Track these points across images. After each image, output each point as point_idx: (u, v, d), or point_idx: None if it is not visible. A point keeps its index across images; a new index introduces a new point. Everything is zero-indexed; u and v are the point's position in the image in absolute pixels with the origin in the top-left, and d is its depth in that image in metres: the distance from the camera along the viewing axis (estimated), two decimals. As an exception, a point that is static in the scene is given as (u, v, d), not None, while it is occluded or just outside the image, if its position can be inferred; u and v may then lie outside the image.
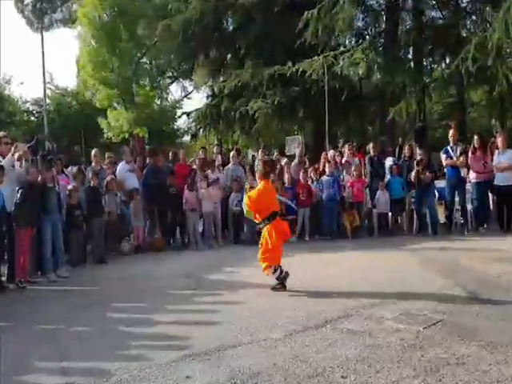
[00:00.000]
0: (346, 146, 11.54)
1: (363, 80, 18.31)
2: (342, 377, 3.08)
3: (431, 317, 4.24)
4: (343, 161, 10.73)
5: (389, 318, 4.28)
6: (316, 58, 14.65)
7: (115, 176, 8.99)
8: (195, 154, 11.87)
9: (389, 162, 10.56)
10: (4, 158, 6.80)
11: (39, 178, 6.87)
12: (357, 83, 18.54)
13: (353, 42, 17.60)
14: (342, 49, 15.63)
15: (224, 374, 3.18)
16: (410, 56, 16.74)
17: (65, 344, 3.95)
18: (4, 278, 6.34)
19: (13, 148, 7.00)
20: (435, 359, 3.27)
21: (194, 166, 10.19)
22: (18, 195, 6.47)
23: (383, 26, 16.60)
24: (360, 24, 17.71)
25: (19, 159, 6.88)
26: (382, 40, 16.54)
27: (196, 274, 6.69)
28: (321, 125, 18.07)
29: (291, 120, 18.99)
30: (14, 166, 6.83)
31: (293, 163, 10.92)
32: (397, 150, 11.52)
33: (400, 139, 14.00)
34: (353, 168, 10.14)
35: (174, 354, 3.58)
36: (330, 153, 11.12)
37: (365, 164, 10.55)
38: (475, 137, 9.80)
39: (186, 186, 9.29)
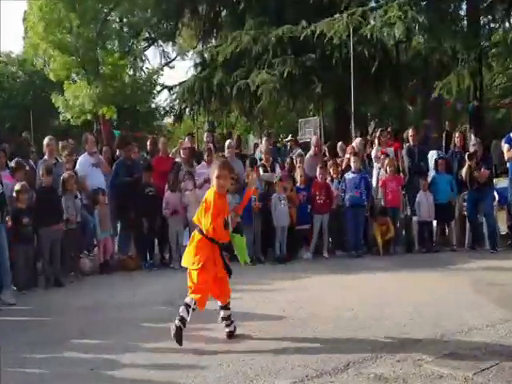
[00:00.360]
0: (379, 131, 11.65)
1: (400, 45, 18.41)
2: None
3: (484, 359, 4.32)
4: (374, 152, 10.83)
5: (429, 360, 4.36)
6: (338, 16, 14.73)
7: (75, 172, 9.09)
8: (179, 143, 11.95)
9: (433, 154, 10.64)
10: None
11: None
12: (392, 49, 18.67)
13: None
14: (372, 5, 15.68)
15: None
16: (462, 13, 16.74)
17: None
18: None
19: None
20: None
21: (178, 159, 10.28)
22: None
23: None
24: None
25: None
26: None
27: (177, 300, 6.76)
28: (344, 104, 18.22)
29: (306, 97, 19.04)
30: None
31: (307, 155, 11.03)
32: (444, 137, 11.58)
33: (447, 123, 14.09)
34: (386, 162, 10.22)
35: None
36: (357, 141, 11.16)
37: (402, 157, 10.64)
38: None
39: (166, 186, 9.37)
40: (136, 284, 8.03)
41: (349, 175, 9.87)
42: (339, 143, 11.51)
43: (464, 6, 16.89)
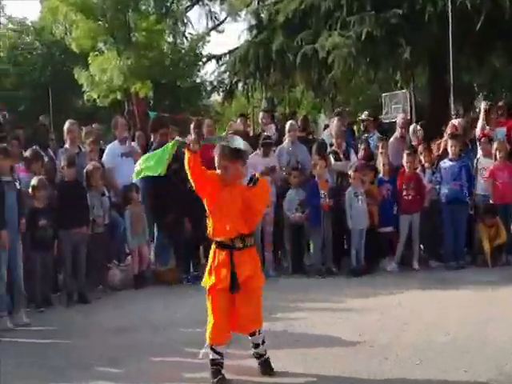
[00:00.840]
0: (484, 105, 11.41)
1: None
2: None
3: None
4: (478, 132, 10.67)
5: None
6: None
7: (102, 164, 9.35)
8: (228, 125, 12.10)
9: None
10: None
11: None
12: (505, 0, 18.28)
13: None
14: None
15: None
16: None
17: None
18: None
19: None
20: None
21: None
22: None
23: None
24: None
25: None
26: None
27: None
28: (441, 72, 17.95)
29: (390, 65, 18.88)
30: None
31: (392, 138, 10.99)
32: None
33: None
34: (495, 146, 10.06)
35: None
36: (456, 121, 10.99)
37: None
38: None
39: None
40: (176, 300, 8.19)
41: (445, 163, 9.76)
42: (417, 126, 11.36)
43: None
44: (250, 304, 5.18)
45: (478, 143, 10.57)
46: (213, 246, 5.25)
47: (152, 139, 10.75)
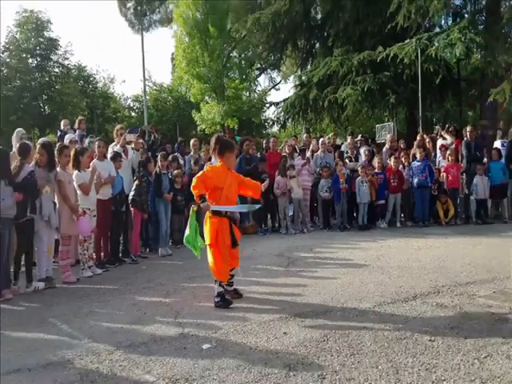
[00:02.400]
0: (442, 128, 11.37)
1: (461, 61, 17.53)
2: (430, 340, 3.29)
3: (527, 295, 4.25)
4: (439, 145, 10.56)
5: (482, 295, 4.35)
6: (408, 41, 14.31)
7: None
8: (283, 141, 12.16)
9: (498, 143, 10.34)
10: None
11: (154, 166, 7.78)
12: (453, 65, 17.81)
13: (450, 22, 16.86)
14: (436, 30, 15.07)
15: (317, 333, 3.54)
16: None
17: (177, 305, 4.53)
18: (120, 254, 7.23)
19: (121, 139, 7.91)
20: (527, 330, 3.36)
21: (284, 154, 10.57)
22: (135, 182, 7.32)
23: (483, 2, 15.72)
24: (458, 2, 16.93)
25: (134, 148, 7.83)
26: (483, 17, 15.67)
27: (287, 253, 7.09)
28: (413, 111, 17.64)
29: (382, 106, 18.62)
30: (126, 155, 7.74)
31: (383, 148, 10.93)
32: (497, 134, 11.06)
33: (502, 123, 13.31)
34: (448, 153, 9.94)
35: (272, 316, 4.00)
36: (418, 137, 10.86)
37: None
38: None
39: (277, 173, 9.70)
40: (254, 244, 8.31)
41: (415, 163, 9.67)
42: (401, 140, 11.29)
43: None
44: (237, 251, 4.75)
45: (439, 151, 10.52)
46: (209, 215, 4.50)
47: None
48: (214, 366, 3.00)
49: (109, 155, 7.32)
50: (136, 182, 7.34)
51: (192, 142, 10.11)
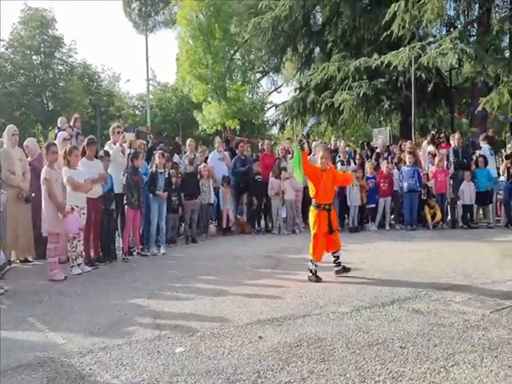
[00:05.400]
0: (431, 135, 11.30)
1: (453, 70, 17.43)
2: (401, 347, 3.23)
3: (502, 302, 4.19)
4: (428, 151, 10.48)
5: (457, 301, 4.29)
6: (402, 49, 14.20)
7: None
8: (279, 145, 12.12)
9: (486, 149, 10.24)
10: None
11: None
12: (446, 74, 17.72)
13: (443, 32, 16.76)
14: (429, 39, 14.96)
15: (292, 338, 3.48)
16: (504, 44, 15.54)
17: (159, 306, 4.48)
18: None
19: (121, 137, 7.81)
20: (496, 339, 3.30)
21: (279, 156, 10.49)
22: (124, 179, 7.23)
23: (475, 14, 15.61)
24: (451, 13, 16.82)
25: (127, 146, 7.74)
26: (475, 29, 15.58)
27: (276, 255, 7.03)
28: (408, 116, 17.54)
29: (377, 112, 18.50)
30: (123, 153, 7.65)
31: (374, 153, 10.84)
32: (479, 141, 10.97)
33: (490, 131, 13.20)
34: (436, 159, 9.85)
35: (250, 319, 3.94)
36: (408, 143, 10.73)
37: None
38: None
39: (271, 174, 9.61)
40: (245, 243, 8.28)
41: (405, 168, 9.56)
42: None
43: (507, 39, 15.70)
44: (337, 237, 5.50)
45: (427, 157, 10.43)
46: (313, 208, 5.41)
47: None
48: (184, 371, 2.94)
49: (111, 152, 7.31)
50: (124, 178, 7.23)
51: (188, 142, 10.01)
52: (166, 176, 8.09)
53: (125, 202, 7.20)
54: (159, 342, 3.47)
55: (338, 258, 5.55)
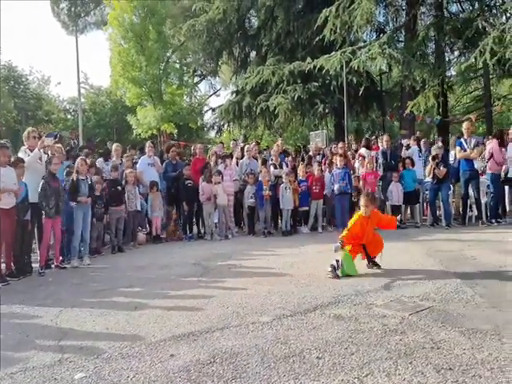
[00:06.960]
0: (364, 140, 11.58)
1: (384, 75, 18.09)
2: (318, 357, 3.10)
3: (421, 304, 4.19)
4: (357, 154, 10.70)
5: (379, 304, 4.26)
6: (334, 53, 14.52)
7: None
8: (210, 149, 11.93)
9: (415, 150, 10.57)
10: (32, 151, 7.07)
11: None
12: (377, 78, 18.37)
13: (373, 38, 17.34)
14: (360, 44, 15.41)
15: (206, 354, 3.25)
16: (430, 50, 16.34)
17: (66, 324, 4.10)
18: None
19: (39, 142, 7.26)
20: (412, 343, 3.25)
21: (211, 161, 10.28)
22: (40, 186, 6.70)
23: (403, 20, 16.29)
24: (381, 19, 17.46)
25: (46, 152, 7.20)
26: (402, 35, 16.24)
27: (204, 262, 6.80)
28: (342, 119, 17.96)
29: (312, 115, 18.82)
30: (41, 159, 7.11)
31: (306, 157, 10.92)
32: (410, 143, 11.36)
33: (418, 133, 13.75)
34: (366, 161, 10.05)
35: (164, 335, 3.68)
36: (339, 145, 10.93)
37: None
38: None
39: (201, 179, 9.39)
40: (174, 251, 8.02)
41: (336, 171, 9.65)
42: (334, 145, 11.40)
43: (433, 45, 16.49)
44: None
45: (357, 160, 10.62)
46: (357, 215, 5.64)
47: (165, 156, 10.56)
48: (76, 401, 2.64)
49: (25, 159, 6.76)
50: (40, 185, 6.72)
51: (114, 146, 9.59)
52: (89, 182, 7.64)
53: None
54: (58, 368, 3.13)
55: (375, 257, 5.80)
